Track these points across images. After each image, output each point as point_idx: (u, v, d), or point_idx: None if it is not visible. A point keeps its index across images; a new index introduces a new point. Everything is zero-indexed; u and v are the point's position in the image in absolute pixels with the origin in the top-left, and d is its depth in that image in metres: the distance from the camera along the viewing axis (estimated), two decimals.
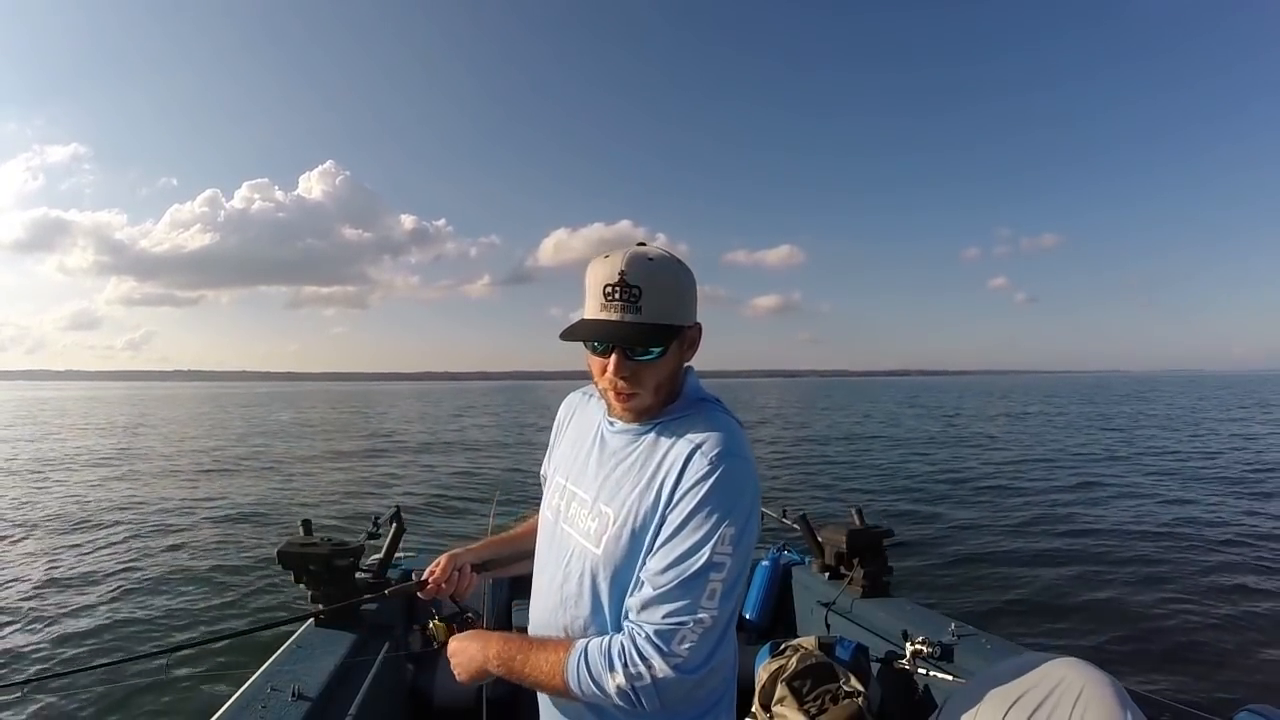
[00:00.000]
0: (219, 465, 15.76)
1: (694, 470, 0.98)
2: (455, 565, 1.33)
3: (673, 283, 1.00)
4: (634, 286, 0.96)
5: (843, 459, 15.67)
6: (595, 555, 1.06)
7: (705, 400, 1.09)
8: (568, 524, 1.13)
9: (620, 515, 1.04)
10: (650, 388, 1.03)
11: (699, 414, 1.06)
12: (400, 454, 18.14)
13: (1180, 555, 7.04)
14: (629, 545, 1.02)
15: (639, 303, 0.96)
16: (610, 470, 1.09)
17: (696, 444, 1.00)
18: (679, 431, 1.04)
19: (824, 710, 2.04)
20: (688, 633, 0.94)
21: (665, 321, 0.99)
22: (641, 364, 1.01)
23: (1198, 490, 10.78)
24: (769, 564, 3.09)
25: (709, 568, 0.95)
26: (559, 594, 1.10)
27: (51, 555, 7.60)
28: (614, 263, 0.97)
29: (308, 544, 2.39)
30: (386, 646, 2.28)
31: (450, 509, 10.14)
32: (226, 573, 6.87)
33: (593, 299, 0.99)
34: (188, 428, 28.12)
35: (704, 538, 0.96)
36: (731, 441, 1.01)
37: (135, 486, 12.40)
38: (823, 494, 11.16)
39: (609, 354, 1.00)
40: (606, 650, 0.97)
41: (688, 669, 0.94)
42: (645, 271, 0.97)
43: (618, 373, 1.00)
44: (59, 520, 9.44)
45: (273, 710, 1.72)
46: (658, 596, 0.96)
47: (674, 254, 1.02)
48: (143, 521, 9.33)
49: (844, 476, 13.12)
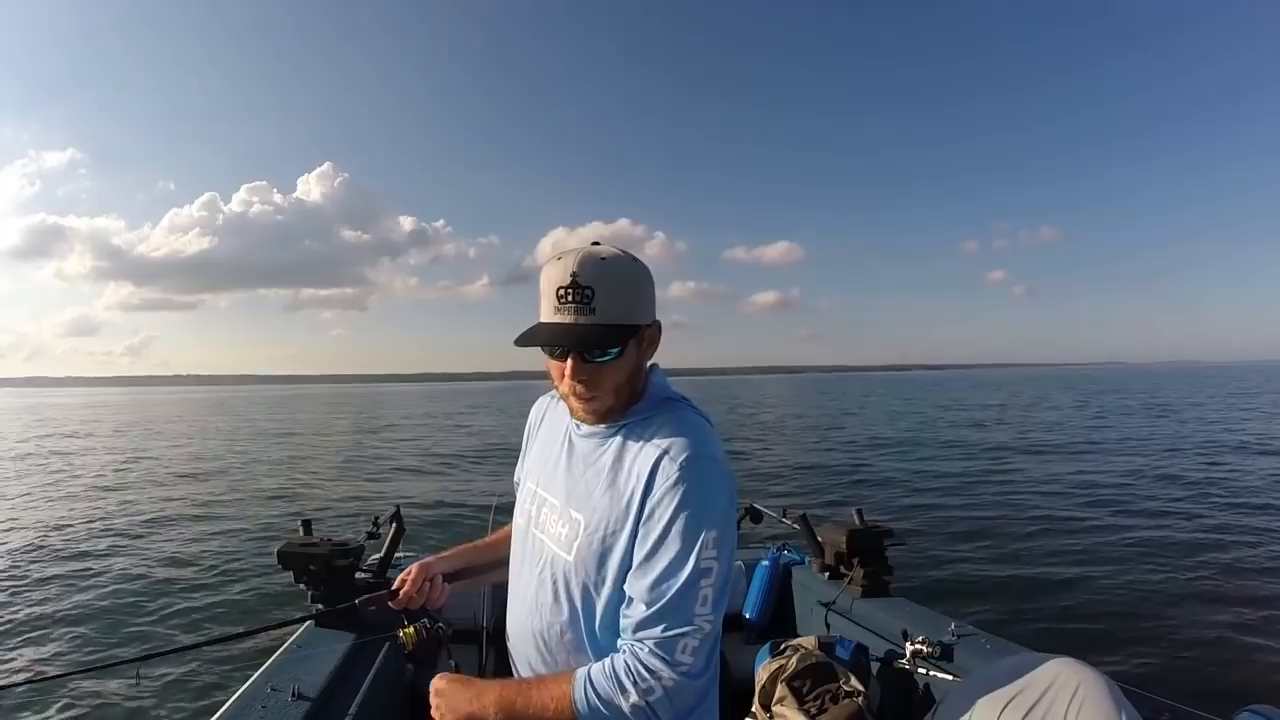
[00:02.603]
0: (219, 465, 15.76)
1: (664, 477, 0.97)
2: (426, 575, 1.31)
3: (627, 281, 0.99)
4: (586, 287, 0.95)
5: (841, 458, 15.67)
6: (567, 561, 1.05)
7: (672, 399, 1.08)
8: (539, 530, 1.13)
9: (591, 522, 1.03)
10: (609, 389, 1.02)
11: (665, 414, 1.05)
12: (400, 454, 18.14)
13: (1181, 553, 7.03)
14: (600, 551, 1.02)
15: (592, 303, 0.95)
16: (580, 475, 1.08)
17: (664, 449, 0.99)
18: (645, 434, 1.03)
19: (824, 710, 2.04)
20: (688, 641, 0.95)
21: (621, 321, 0.98)
22: (599, 365, 0.99)
23: (1200, 489, 10.77)
24: (769, 564, 3.08)
25: (698, 575, 0.95)
26: (534, 600, 1.10)
27: (51, 564, 7.61)
28: (566, 264, 0.95)
29: (307, 544, 2.39)
30: (386, 646, 2.28)
31: (450, 509, 10.14)
32: (225, 572, 6.87)
33: (546, 302, 0.97)
34: (189, 431, 28.11)
35: (687, 547, 0.95)
36: (699, 443, 1.00)
37: (134, 490, 12.40)
38: (823, 494, 11.15)
39: (565, 357, 0.99)
40: (612, 673, 0.96)
41: (694, 674, 0.96)
42: (597, 271, 0.95)
43: (575, 376, 0.99)
44: (63, 530, 9.44)
45: (273, 710, 1.71)
46: (655, 613, 0.96)
47: (628, 252, 1.00)
48: (144, 520, 9.33)
49: (842, 473, 13.11)
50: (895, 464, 14.44)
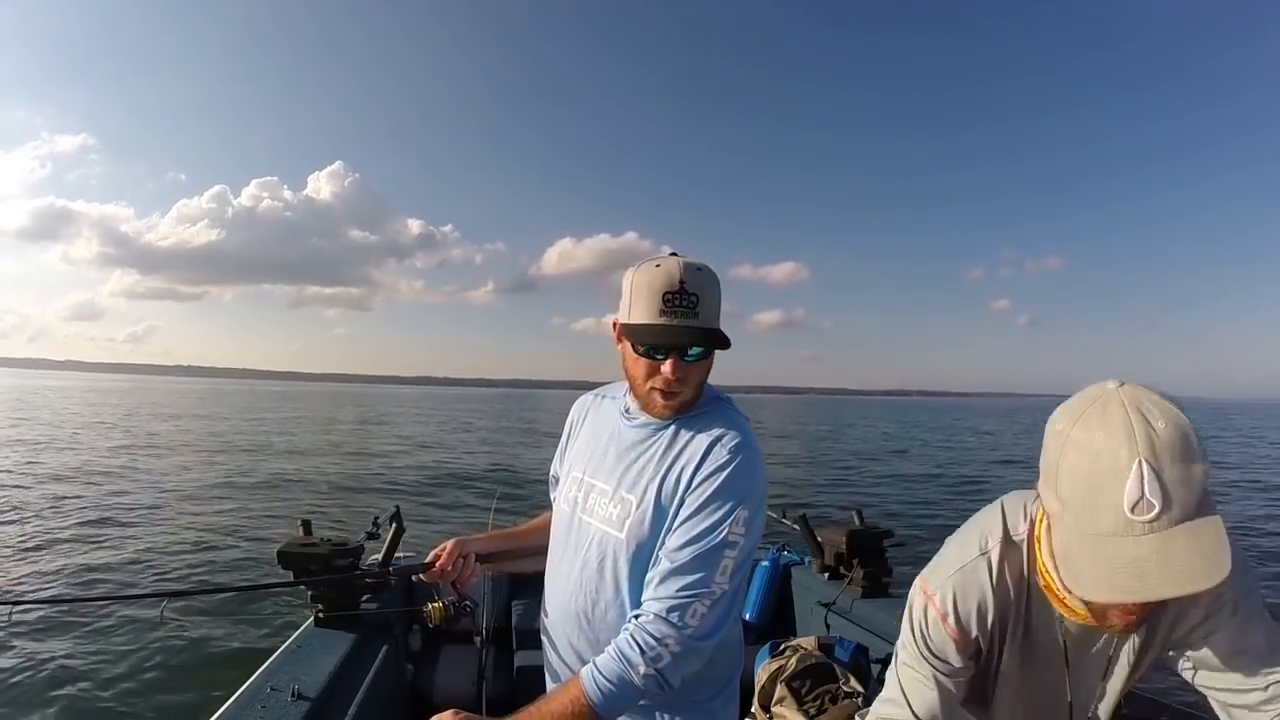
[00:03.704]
0: (219, 466, 15.75)
1: (714, 459, 1.08)
2: (461, 552, 1.37)
3: (717, 291, 1.11)
4: (692, 294, 1.06)
5: (844, 472, 15.67)
6: (618, 539, 1.13)
7: (720, 399, 1.19)
8: (586, 514, 1.19)
9: (643, 500, 1.12)
10: (694, 385, 1.12)
11: (715, 411, 1.16)
12: (400, 455, 18.14)
13: None
14: (651, 526, 1.11)
15: (697, 309, 1.06)
16: (631, 461, 1.16)
17: (716, 437, 1.11)
18: (697, 426, 1.14)
19: (823, 710, 2.04)
20: (698, 605, 1.03)
21: (714, 326, 1.10)
22: (691, 364, 1.10)
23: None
24: (769, 564, 3.09)
25: (725, 545, 1.05)
26: (578, 578, 1.17)
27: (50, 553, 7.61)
28: (672, 271, 1.07)
29: (307, 544, 2.39)
30: (386, 647, 2.28)
31: (450, 510, 10.14)
32: (227, 573, 6.87)
33: (649, 305, 1.07)
34: (190, 424, 28.09)
35: (721, 518, 1.05)
36: (747, 436, 1.12)
37: (131, 484, 12.39)
38: (823, 496, 11.15)
39: (666, 357, 1.08)
40: (618, 655, 1.02)
41: (700, 636, 1.04)
42: (699, 280, 1.07)
43: (674, 373, 1.08)
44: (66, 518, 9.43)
45: (273, 710, 1.71)
46: (675, 569, 1.05)
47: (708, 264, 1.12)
48: (143, 523, 9.33)
49: (841, 481, 13.11)
50: (893, 469, 14.43)
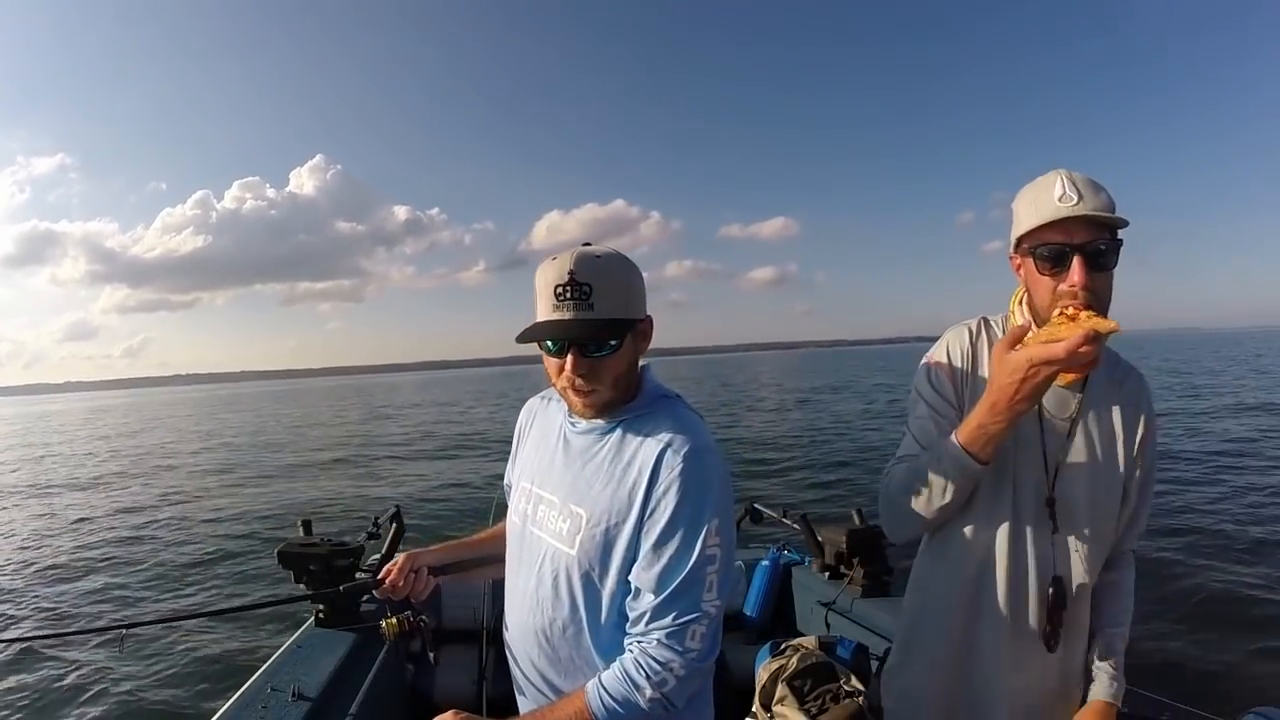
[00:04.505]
0: (218, 467, 15.77)
1: (668, 469, 1.01)
2: (413, 565, 1.31)
3: (621, 277, 1.03)
4: (584, 284, 0.99)
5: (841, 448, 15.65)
6: (569, 555, 1.07)
7: (666, 397, 1.12)
8: (536, 527, 1.14)
9: (594, 514, 1.06)
10: (609, 382, 1.05)
11: (662, 411, 1.09)
12: (400, 452, 18.14)
13: (1182, 550, 7.01)
14: (603, 543, 1.05)
15: (590, 299, 0.99)
16: (578, 470, 1.10)
17: (666, 442, 1.03)
18: (645, 430, 1.07)
19: (824, 710, 2.03)
20: (696, 626, 1.00)
21: (618, 316, 1.01)
22: (598, 360, 1.03)
23: (1201, 474, 10.71)
24: (769, 564, 3.08)
25: (704, 563, 1.00)
26: (534, 597, 1.11)
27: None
28: (561, 264, 1.00)
29: (307, 544, 2.39)
30: (386, 646, 2.28)
31: (451, 507, 10.14)
32: (225, 570, 6.88)
33: (544, 300, 1.01)
34: (186, 433, 28.12)
35: (693, 536, 1.00)
36: (698, 436, 1.05)
37: (138, 491, 12.40)
38: (823, 493, 11.15)
39: (565, 353, 1.02)
40: (624, 675, 1.00)
41: (702, 658, 1.01)
42: (593, 269, 1.00)
43: (576, 370, 1.02)
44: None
45: (273, 710, 1.72)
46: (664, 601, 1.00)
47: (619, 251, 1.05)
48: (143, 522, 9.34)
49: (843, 460, 13.04)
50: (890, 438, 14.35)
